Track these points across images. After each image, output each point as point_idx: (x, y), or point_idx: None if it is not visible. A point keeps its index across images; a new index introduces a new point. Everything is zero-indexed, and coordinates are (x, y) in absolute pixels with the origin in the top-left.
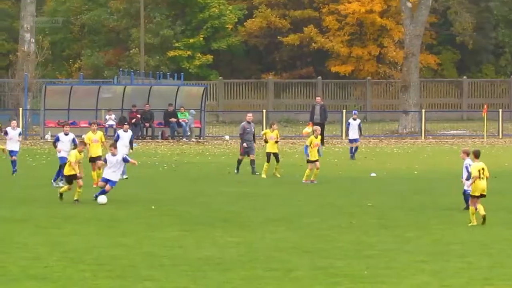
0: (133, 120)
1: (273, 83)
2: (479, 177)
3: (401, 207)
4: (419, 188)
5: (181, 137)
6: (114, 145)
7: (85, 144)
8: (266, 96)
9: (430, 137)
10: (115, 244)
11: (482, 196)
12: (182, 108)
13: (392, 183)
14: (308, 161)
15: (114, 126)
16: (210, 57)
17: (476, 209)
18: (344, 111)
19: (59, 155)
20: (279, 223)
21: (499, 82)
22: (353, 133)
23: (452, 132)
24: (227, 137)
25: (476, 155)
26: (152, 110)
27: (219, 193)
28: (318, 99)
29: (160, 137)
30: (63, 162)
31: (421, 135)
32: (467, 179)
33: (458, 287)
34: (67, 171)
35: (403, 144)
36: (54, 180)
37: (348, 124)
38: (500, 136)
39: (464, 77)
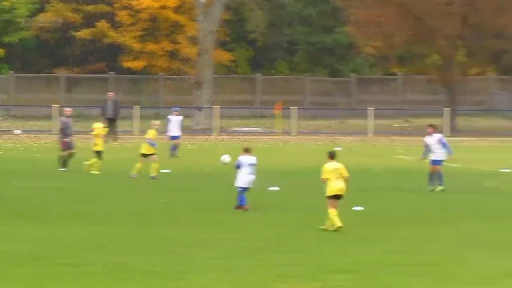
0: None
1: (65, 78)
2: (335, 177)
3: (194, 204)
4: (211, 184)
5: None
6: None
7: None
8: (57, 90)
9: (224, 133)
10: None
11: (338, 197)
12: None
13: (185, 179)
14: (144, 155)
15: None
16: (1, 51)
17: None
18: (137, 106)
19: None
20: (74, 218)
21: (293, 80)
22: (174, 130)
23: (245, 129)
24: (18, 132)
25: (331, 156)
26: None
27: (13, 188)
28: (111, 94)
29: None
30: None
31: (214, 131)
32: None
33: (251, 284)
34: None
35: (197, 141)
36: None
37: (167, 120)
38: (294, 134)
39: (258, 74)
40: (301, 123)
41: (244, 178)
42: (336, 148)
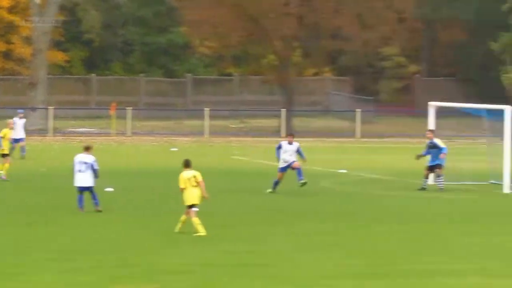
0: None
1: None
2: (192, 186)
3: (29, 205)
4: (47, 185)
5: None
6: None
7: None
8: None
9: (59, 134)
10: None
11: (193, 206)
12: None
13: (19, 180)
14: (3, 155)
15: None
16: None
17: (188, 218)
18: None
19: None
20: None
21: (128, 80)
22: (19, 132)
23: (80, 129)
24: None
25: (186, 164)
26: None
27: None
28: None
29: None
30: None
31: (49, 132)
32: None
33: (85, 286)
34: None
35: (32, 141)
36: None
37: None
38: (129, 134)
39: (93, 74)
40: (136, 123)
41: (75, 177)
42: (172, 149)
